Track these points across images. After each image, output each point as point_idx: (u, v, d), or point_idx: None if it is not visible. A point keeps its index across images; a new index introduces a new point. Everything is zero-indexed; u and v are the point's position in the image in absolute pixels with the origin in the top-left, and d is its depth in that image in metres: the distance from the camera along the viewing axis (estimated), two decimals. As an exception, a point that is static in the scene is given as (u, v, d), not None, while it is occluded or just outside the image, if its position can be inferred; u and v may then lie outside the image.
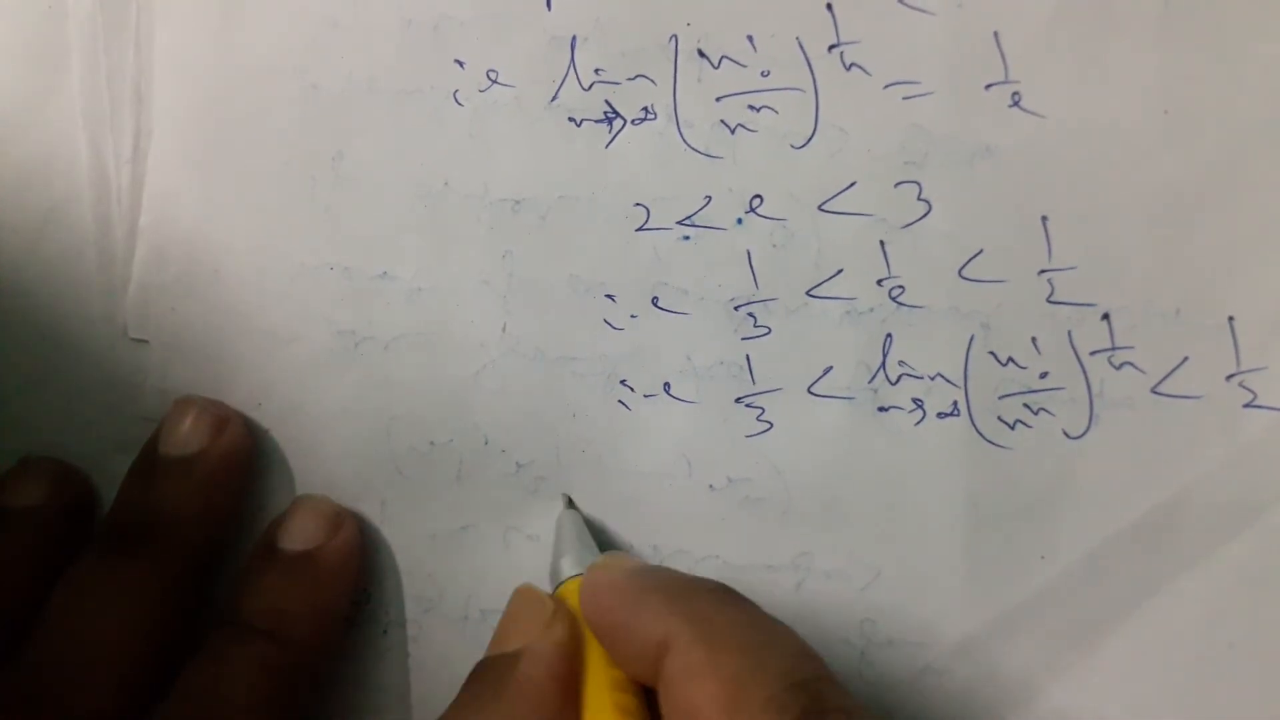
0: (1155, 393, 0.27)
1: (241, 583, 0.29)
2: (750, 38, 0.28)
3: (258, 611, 0.28)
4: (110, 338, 0.31)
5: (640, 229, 0.29)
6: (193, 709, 0.27)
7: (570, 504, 0.29)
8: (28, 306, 0.32)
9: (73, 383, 0.32)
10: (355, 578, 0.30)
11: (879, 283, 0.28)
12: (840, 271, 0.28)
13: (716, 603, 0.23)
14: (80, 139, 0.31)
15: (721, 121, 0.28)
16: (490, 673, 0.25)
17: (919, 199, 0.28)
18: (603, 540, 0.29)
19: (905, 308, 0.28)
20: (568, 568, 0.27)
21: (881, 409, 0.28)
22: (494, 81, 0.29)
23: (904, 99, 0.28)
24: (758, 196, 0.28)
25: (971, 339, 0.28)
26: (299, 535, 0.29)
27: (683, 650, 0.22)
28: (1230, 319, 0.27)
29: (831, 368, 0.28)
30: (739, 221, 0.29)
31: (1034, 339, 0.28)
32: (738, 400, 0.29)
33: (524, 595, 0.26)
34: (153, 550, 0.29)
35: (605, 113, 0.29)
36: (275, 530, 0.30)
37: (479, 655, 0.25)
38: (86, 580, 0.29)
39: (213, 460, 0.30)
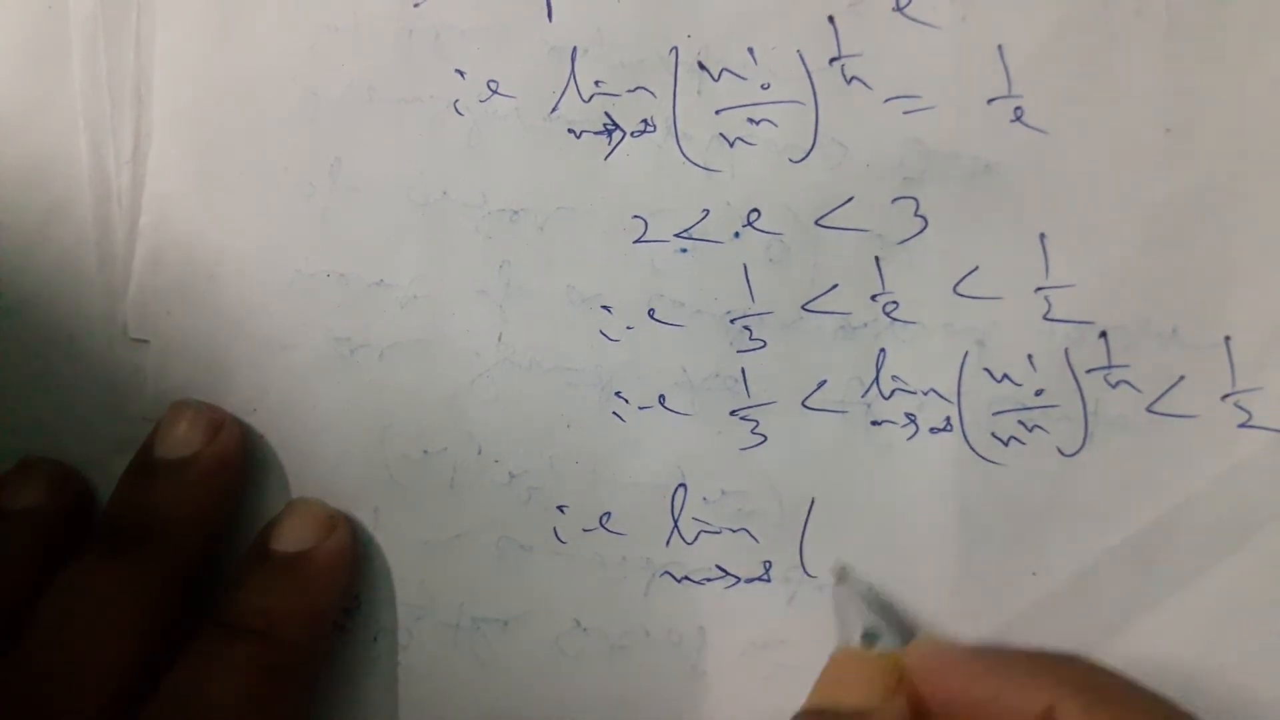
0: (1151, 411, 0.27)
1: (233, 583, 0.29)
2: (751, 50, 0.27)
3: (248, 612, 0.28)
4: (110, 338, 0.31)
5: (638, 241, 0.28)
6: (180, 708, 0.26)
7: (843, 576, 0.28)
8: (28, 306, 0.31)
9: (72, 383, 0.31)
10: (347, 580, 0.29)
11: (873, 298, 0.27)
12: (835, 286, 0.28)
13: (1095, 671, 0.23)
14: (80, 139, 0.30)
15: (721, 134, 0.28)
16: None
17: (916, 215, 0.27)
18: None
19: (899, 323, 0.27)
20: (870, 641, 0.26)
21: (875, 423, 0.28)
22: (494, 92, 0.28)
23: (905, 113, 0.27)
24: (755, 210, 0.28)
25: (966, 355, 0.27)
26: (292, 537, 0.29)
27: (1074, 716, 0.22)
28: (1227, 339, 0.26)
29: (826, 381, 0.28)
30: (736, 235, 0.28)
31: (1029, 356, 0.27)
32: (732, 413, 0.28)
33: (855, 658, 0.26)
34: (146, 552, 0.28)
35: (605, 124, 0.28)
36: (268, 532, 0.29)
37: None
38: (80, 581, 0.28)
39: (207, 463, 0.29)
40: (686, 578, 0.29)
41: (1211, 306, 0.26)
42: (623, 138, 0.28)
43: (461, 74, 0.28)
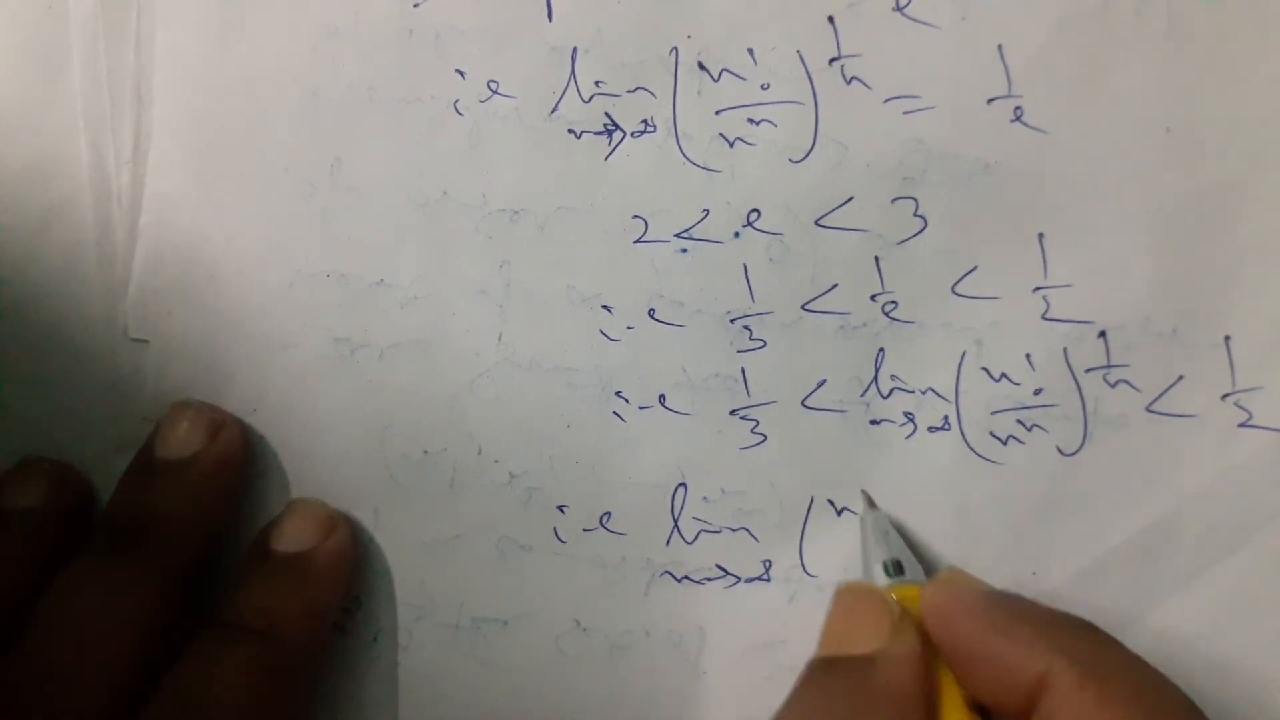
0: (1150, 411, 0.27)
1: (233, 583, 0.28)
2: (751, 50, 0.27)
3: (248, 611, 0.27)
4: (110, 338, 0.30)
5: (638, 241, 0.28)
6: (180, 708, 0.26)
7: (871, 503, 0.28)
8: (28, 306, 0.31)
9: (72, 383, 0.31)
10: (347, 580, 0.29)
11: (872, 298, 0.27)
12: (835, 286, 0.28)
13: (1099, 644, 0.22)
14: (80, 139, 0.30)
15: (720, 135, 0.27)
16: (841, 672, 0.23)
17: (915, 215, 0.27)
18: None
19: (898, 323, 0.27)
20: (889, 573, 0.25)
21: (874, 422, 0.28)
22: (494, 92, 0.28)
23: (904, 113, 0.27)
24: (755, 210, 0.28)
25: (964, 354, 0.27)
26: (292, 537, 0.29)
27: (1068, 692, 0.21)
28: (1227, 338, 0.26)
29: (825, 381, 0.28)
30: (736, 235, 0.28)
31: (1028, 355, 0.27)
32: (732, 413, 0.28)
33: (862, 594, 0.25)
34: (147, 552, 0.28)
35: (605, 125, 0.28)
36: (269, 532, 0.29)
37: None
38: (80, 581, 0.28)
39: (208, 464, 0.29)
40: (686, 577, 0.28)
41: (1211, 306, 0.26)
42: (623, 138, 0.28)
43: (461, 74, 0.28)
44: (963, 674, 0.23)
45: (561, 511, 0.29)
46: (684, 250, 0.28)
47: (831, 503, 0.28)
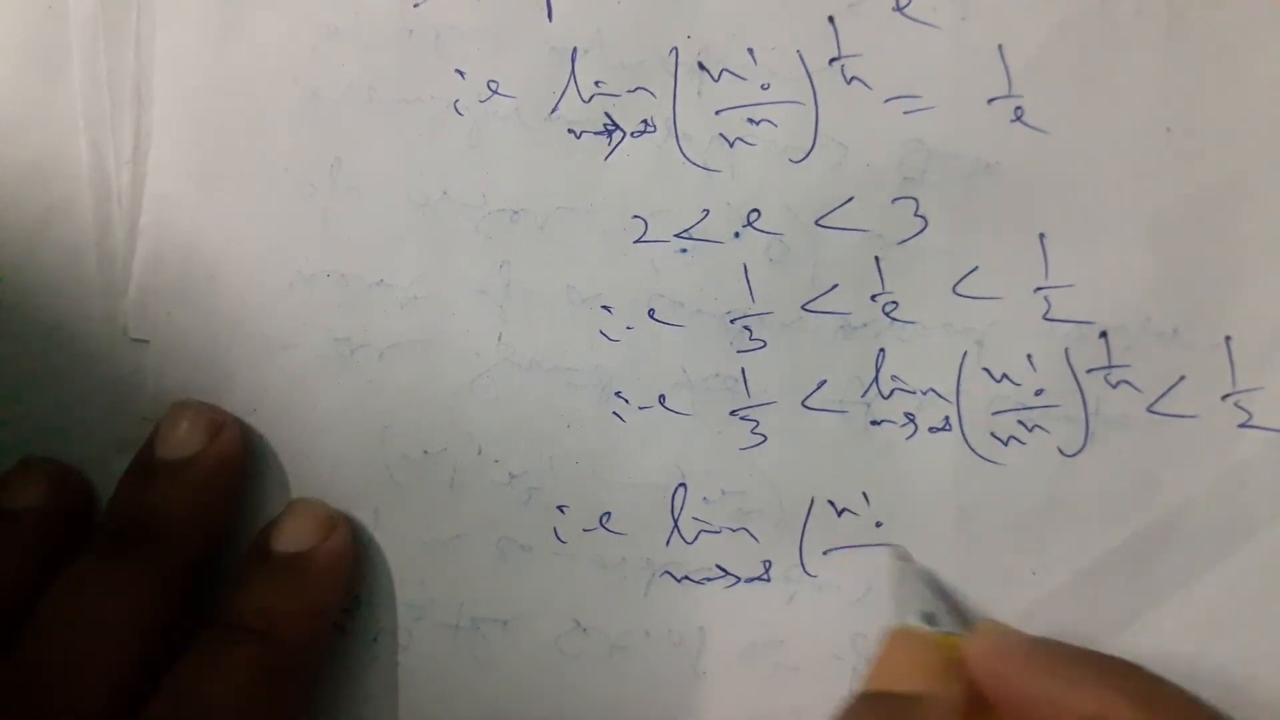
0: (1151, 412, 0.26)
1: (233, 583, 0.28)
2: (751, 50, 0.27)
3: (248, 611, 0.27)
4: (110, 338, 0.30)
5: (638, 241, 0.28)
6: (180, 708, 0.26)
7: (906, 555, 0.28)
8: (28, 306, 0.31)
9: (73, 383, 0.31)
10: (347, 581, 0.29)
11: (873, 298, 0.27)
12: (835, 286, 0.27)
13: (1150, 681, 0.23)
14: (80, 139, 0.30)
15: (720, 135, 0.27)
16: (887, 708, 0.24)
17: (916, 214, 0.27)
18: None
19: (899, 323, 0.27)
20: (928, 624, 0.26)
21: (874, 423, 0.28)
22: (494, 92, 0.28)
23: (905, 113, 0.27)
24: (755, 210, 0.27)
25: (964, 355, 0.27)
26: (292, 537, 0.28)
27: None
28: (1227, 339, 0.26)
29: (825, 381, 0.28)
30: (736, 235, 0.28)
31: (1029, 356, 0.27)
32: (732, 413, 0.28)
33: (913, 637, 0.25)
34: (147, 552, 0.28)
35: (605, 125, 0.28)
36: (269, 532, 0.29)
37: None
38: (81, 581, 0.27)
39: (208, 464, 0.29)
40: (686, 577, 0.28)
41: (1212, 306, 0.26)
42: (623, 138, 0.28)
43: (461, 74, 0.28)
44: (1014, 718, 0.24)
45: (561, 511, 0.29)
46: (684, 250, 0.28)
47: (831, 503, 0.28)
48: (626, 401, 0.28)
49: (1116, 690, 0.22)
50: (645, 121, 0.28)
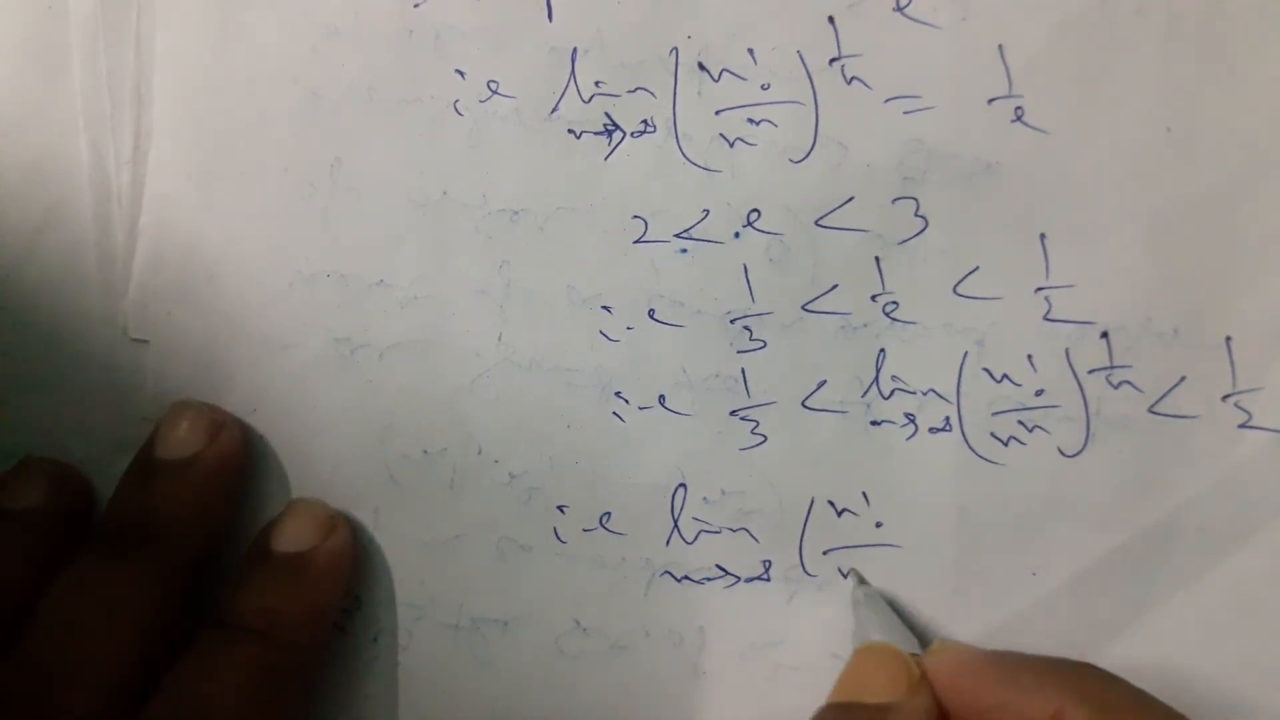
0: (1152, 412, 0.26)
1: (234, 583, 0.28)
2: (751, 50, 0.27)
3: (248, 611, 0.27)
4: (110, 338, 0.30)
5: (638, 241, 0.28)
6: (180, 708, 0.26)
7: (862, 580, 0.28)
8: (28, 306, 0.30)
9: (73, 382, 0.31)
10: (347, 580, 0.29)
11: (873, 298, 0.27)
12: (835, 286, 0.27)
13: (1105, 681, 0.23)
14: (80, 139, 0.30)
15: (721, 135, 0.27)
16: (855, 717, 0.25)
17: (916, 215, 0.27)
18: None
19: (899, 323, 0.27)
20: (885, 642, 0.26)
21: (874, 423, 0.28)
22: (494, 92, 0.28)
23: (905, 113, 0.27)
24: (755, 210, 0.27)
25: (965, 355, 0.27)
26: (292, 537, 0.28)
27: None
28: (1228, 339, 0.26)
29: (825, 381, 0.28)
30: (736, 235, 0.28)
31: (1029, 356, 0.27)
32: (732, 413, 0.28)
33: (882, 652, 0.26)
34: (147, 552, 0.28)
35: (605, 125, 0.28)
36: (269, 532, 0.29)
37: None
38: (81, 581, 0.27)
39: (208, 464, 0.29)
40: (686, 577, 0.28)
41: (1212, 307, 0.26)
42: (623, 138, 0.28)
43: (461, 74, 0.28)
44: None
45: (561, 511, 0.29)
46: (684, 250, 0.28)
47: (831, 503, 0.28)
48: (626, 402, 0.28)
49: (1072, 692, 0.23)
50: (645, 121, 0.27)
